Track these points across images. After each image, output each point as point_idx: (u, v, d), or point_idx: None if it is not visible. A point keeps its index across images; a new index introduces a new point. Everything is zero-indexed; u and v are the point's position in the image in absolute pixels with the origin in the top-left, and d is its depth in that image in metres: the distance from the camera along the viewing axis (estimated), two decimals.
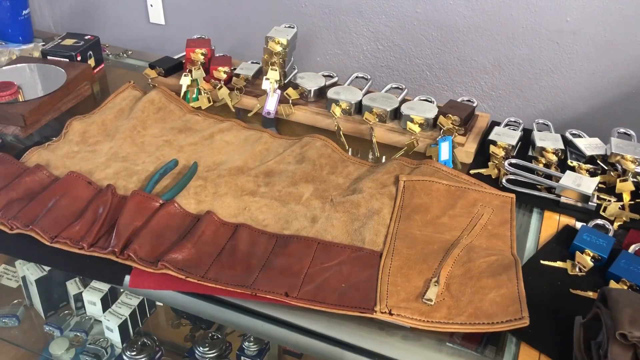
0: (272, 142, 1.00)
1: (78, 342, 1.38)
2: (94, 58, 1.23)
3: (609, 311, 0.59)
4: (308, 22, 1.41)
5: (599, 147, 0.98)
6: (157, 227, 0.78)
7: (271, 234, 0.79)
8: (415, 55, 1.35)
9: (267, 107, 1.09)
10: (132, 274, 0.73)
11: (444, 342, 0.67)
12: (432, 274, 0.72)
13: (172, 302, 0.81)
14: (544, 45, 1.21)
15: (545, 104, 1.28)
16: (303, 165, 0.92)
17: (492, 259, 0.74)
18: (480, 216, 0.83)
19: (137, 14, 1.62)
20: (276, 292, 0.69)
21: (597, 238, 0.78)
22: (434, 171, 0.91)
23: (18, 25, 1.33)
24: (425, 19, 1.29)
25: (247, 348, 1.32)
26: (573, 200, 0.87)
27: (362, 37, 1.38)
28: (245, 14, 1.48)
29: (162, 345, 1.35)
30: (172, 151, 0.96)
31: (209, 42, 1.19)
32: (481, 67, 1.30)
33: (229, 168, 0.92)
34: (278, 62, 1.11)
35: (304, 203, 0.85)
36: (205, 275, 0.71)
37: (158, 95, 1.08)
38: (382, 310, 0.67)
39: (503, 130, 1.01)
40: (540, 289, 0.72)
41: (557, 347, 0.65)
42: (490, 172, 0.95)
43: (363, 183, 0.89)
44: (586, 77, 1.21)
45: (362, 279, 0.72)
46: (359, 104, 1.05)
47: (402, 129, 1.02)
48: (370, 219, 0.81)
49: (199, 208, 0.83)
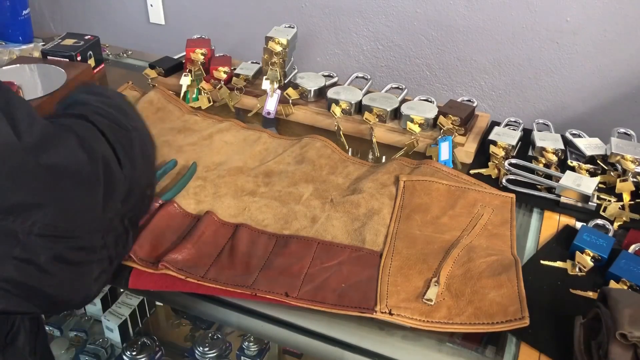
0: (271, 142, 1.00)
1: (78, 342, 1.39)
2: (94, 58, 1.23)
3: (609, 311, 0.59)
4: (308, 22, 1.41)
5: (599, 147, 0.98)
6: (156, 228, 0.78)
7: (271, 234, 0.79)
8: (415, 55, 1.35)
9: (267, 107, 1.09)
10: (132, 274, 0.73)
11: (444, 342, 0.67)
12: (432, 274, 0.72)
13: (172, 302, 0.81)
14: (544, 45, 1.21)
15: (545, 104, 1.28)
16: (303, 166, 0.92)
17: (492, 259, 0.74)
18: (480, 216, 0.83)
19: (137, 14, 1.62)
20: (276, 292, 0.69)
21: (597, 238, 0.78)
22: (434, 171, 0.91)
23: (18, 25, 1.33)
24: (425, 19, 1.29)
25: (247, 348, 1.32)
26: (573, 200, 0.87)
27: (362, 37, 1.38)
28: (245, 14, 1.48)
29: (162, 345, 1.35)
30: (171, 151, 0.95)
31: (209, 42, 1.19)
32: (481, 67, 1.30)
33: (228, 168, 0.92)
34: (278, 62, 1.11)
35: (304, 203, 0.85)
36: (205, 276, 0.71)
37: (157, 96, 1.08)
38: (382, 310, 0.67)
39: (503, 130, 1.01)
40: (540, 289, 0.72)
41: (557, 347, 0.65)
42: (490, 172, 0.95)
43: (363, 183, 0.89)
44: (586, 77, 1.21)
45: (362, 279, 0.72)
46: (359, 104, 1.05)
47: (402, 129, 1.02)
48: (370, 219, 0.81)
49: (198, 208, 0.83)
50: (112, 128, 0.63)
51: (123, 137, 0.64)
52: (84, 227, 0.57)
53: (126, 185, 0.62)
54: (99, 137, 0.61)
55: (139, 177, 0.66)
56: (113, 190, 0.60)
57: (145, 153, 0.69)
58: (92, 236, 0.58)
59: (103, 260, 0.60)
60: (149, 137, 0.72)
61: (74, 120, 0.62)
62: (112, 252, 0.62)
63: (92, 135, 0.60)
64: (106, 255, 0.61)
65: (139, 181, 0.66)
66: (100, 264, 0.60)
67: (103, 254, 0.60)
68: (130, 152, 0.64)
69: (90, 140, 0.58)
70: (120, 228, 0.63)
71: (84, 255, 0.57)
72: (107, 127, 0.63)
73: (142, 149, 0.67)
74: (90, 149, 0.57)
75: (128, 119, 0.68)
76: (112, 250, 0.62)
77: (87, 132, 0.60)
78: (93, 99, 0.69)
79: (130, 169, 0.62)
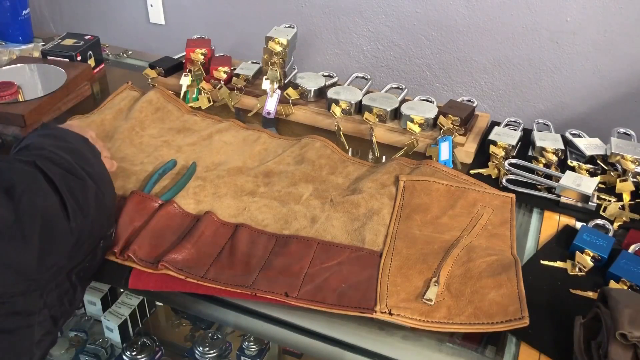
0: (270, 142, 1.00)
1: (78, 342, 1.38)
2: (94, 58, 1.23)
3: (609, 311, 0.59)
4: (308, 22, 1.41)
5: (599, 147, 0.98)
6: (156, 228, 0.77)
7: (271, 234, 0.79)
8: (415, 55, 1.35)
9: (267, 107, 1.09)
10: (132, 275, 0.73)
11: (444, 342, 0.67)
12: (432, 274, 0.72)
13: (172, 302, 0.81)
14: (544, 45, 1.21)
15: (545, 104, 1.28)
16: (302, 166, 0.92)
17: (492, 259, 0.74)
18: (480, 216, 0.83)
19: (137, 14, 1.62)
20: (276, 292, 0.69)
21: (597, 238, 0.78)
22: (433, 171, 0.91)
23: (18, 25, 1.33)
24: (425, 19, 1.29)
25: (247, 348, 1.32)
26: (573, 200, 0.87)
27: (362, 37, 1.38)
28: (245, 14, 1.48)
29: (162, 345, 1.35)
30: (171, 151, 0.95)
31: (209, 42, 1.19)
32: (481, 67, 1.30)
33: (228, 168, 0.92)
34: (278, 62, 1.11)
35: (304, 203, 0.85)
36: (205, 276, 0.71)
37: (156, 96, 1.08)
38: (382, 310, 0.67)
39: (503, 130, 1.01)
40: (540, 289, 0.72)
41: (557, 347, 0.65)
42: (490, 172, 0.95)
43: (363, 183, 0.88)
44: (586, 77, 1.21)
45: (362, 279, 0.72)
46: (359, 104, 1.05)
47: (402, 129, 1.02)
48: (370, 219, 0.81)
49: (198, 208, 0.83)
50: (63, 176, 0.60)
51: (76, 186, 0.61)
52: (14, 290, 0.52)
53: (74, 239, 0.58)
54: (41, 188, 0.57)
55: (91, 228, 0.62)
56: (53, 246, 0.55)
57: (101, 202, 0.65)
58: (28, 298, 0.53)
59: (45, 321, 0.56)
60: (108, 185, 0.69)
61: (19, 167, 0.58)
62: (55, 311, 0.57)
63: (33, 187, 0.56)
64: (48, 315, 0.56)
65: (90, 233, 0.62)
66: (42, 327, 0.55)
67: (44, 315, 0.55)
68: (83, 203, 0.60)
69: (28, 193, 0.55)
70: (66, 284, 0.59)
71: (19, 320, 0.52)
72: (59, 175, 0.59)
73: (97, 198, 0.64)
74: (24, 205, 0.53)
75: (85, 164, 0.65)
76: (55, 309, 0.57)
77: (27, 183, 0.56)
78: (49, 144, 0.65)
79: (81, 220, 0.59)
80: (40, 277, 0.54)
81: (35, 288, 0.54)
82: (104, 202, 0.66)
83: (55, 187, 0.58)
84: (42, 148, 0.64)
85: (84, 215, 0.60)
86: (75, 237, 0.58)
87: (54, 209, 0.57)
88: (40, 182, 0.57)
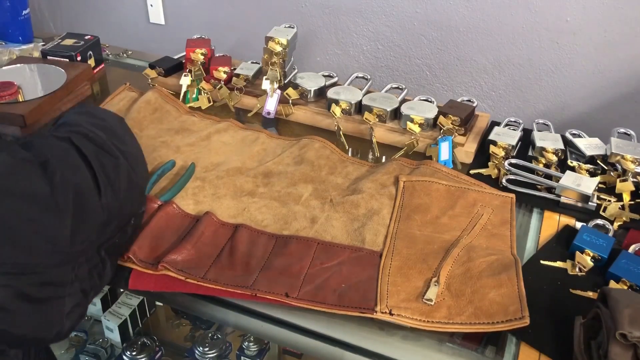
0: (269, 143, 1.00)
1: (78, 342, 1.38)
2: (94, 58, 1.23)
3: (609, 311, 0.59)
4: (308, 22, 1.41)
5: (599, 147, 0.98)
6: (156, 228, 0.77)
7: (271, 235, 0.79)
8: (415, 55, 1.35)
9: (267, 107, 1.09)
10: (132, 275, 0.73)
11: (444, 342, 0.67)
12: (432, 274, 0.72)
13: (172, 302, 0.81)
14: (544, 45, 1.21)
15: (545, 104, 1.28)
16: (302, 166, 0.92)
17: (492, 259, 0.74)
18: (480, 216, 0.83)
19: (137, 14, 1.62)
20: (276, 293, 0.69)
21: (597, 238, 0.78)
22: (433, 171, 0.91)
23: (18, 25, 1.33)
24: (425, 19, 1.29)
25: (247, 348, 1.32)
26: (573, 200, 0.87)
27: (362, 37, 1.38)
28: (245, 14, 1.48)
29: (162, 345, 1.35)
30: (169, 152, 0.95)
31: (209, 42, 1.19)
32: (481, 67, 1.30)
33: (227, 169, 0.92)
34: (278, 62, 1.11)
35: (304, 203, 0.85)
36: (205, 276, 0.71)
37: (154, 96, 1.08)
38: (382, 310, 0.67)
39: (503, 130, 1.01)
40: (540, 289, 0.72)
41: (557, 347, 0.65)
42: (490, 172, 0.95)
43: (363, 183, 0.88)
44: (586, 77, 1.21)
45: (362, 279, 0.72)
46: (359, 104, 1.05)
47: (402, 129, 1.02)
48: (370, 219, 0.81)
49: (197, 209, 0.83)
50: (97, 153, 0.61)
51: (108, 163, 0.62)
52: (48, 261, 0.53)
53: (104, 215, 0.59)
54: (75, 164, 0.58)
55: (122, 206, 0.63)
56: (84, 221, 0.56)
57: (133, 181, 0.66)
58: (60, 270, 0.55)
59: (75, 293, 0.57)
60: (140, 164, 0.69)
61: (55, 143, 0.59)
62: (85, 284, 0.59)
63: (67, 162, 0.57)
64: (79, 288, 0.58)
65: (121, 210, 0.63)
66: (72, 298, 0.57)
67: (75, 288, 0.57)
68: (114, 180, 0.61)
69: (62, 168, 0.56)
70: (96, 259, 0.60)
71: (51, 290, 0.54)
72: (93, 152, 0.60)
73: (129, 176, 0.65)
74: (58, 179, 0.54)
75: (119, 142, 0.66)
76: (85, 282, 0.59)
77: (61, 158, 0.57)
78: (85, 120, 0.66)
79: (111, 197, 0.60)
80: (72, 250, 0.56)
81: (68, 261, 0.56)
82: (136, 181, 0.67)
83: (88, 163, 0.59)
84: (78, 125, 0.65)
85: (115, 192, 0.61)
86: (105, 214, 0.59)
87: (86, 184, 0.58)
88: (74, 158, 0.59)
